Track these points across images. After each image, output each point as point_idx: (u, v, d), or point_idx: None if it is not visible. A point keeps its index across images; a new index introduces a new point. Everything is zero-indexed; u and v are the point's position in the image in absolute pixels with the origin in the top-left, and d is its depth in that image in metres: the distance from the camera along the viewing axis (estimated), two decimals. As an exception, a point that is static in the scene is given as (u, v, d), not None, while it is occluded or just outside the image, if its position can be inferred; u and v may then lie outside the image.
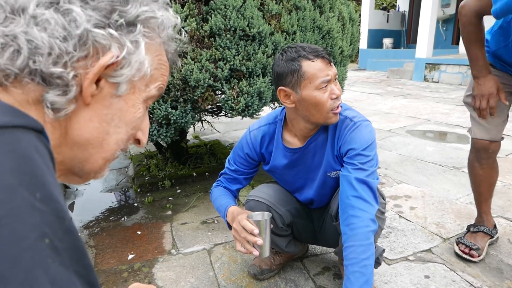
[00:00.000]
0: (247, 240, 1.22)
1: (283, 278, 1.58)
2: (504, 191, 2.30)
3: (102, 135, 0.47)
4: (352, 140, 1.24)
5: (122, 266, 1.70)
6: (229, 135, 3.93)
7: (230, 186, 1.48)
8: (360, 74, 10.04)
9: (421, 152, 3.19)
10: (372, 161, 1.22)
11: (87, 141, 0.47)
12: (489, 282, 1.51)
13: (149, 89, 0.50)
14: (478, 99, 1.51)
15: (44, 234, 0.29)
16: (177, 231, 2.01)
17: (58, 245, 0.30)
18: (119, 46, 0.44)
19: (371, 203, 1.17)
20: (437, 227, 1.95)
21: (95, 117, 0.46)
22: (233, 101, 1.92)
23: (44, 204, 0.30)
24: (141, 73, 0.47)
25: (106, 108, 0.46)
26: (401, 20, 12.41)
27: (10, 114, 0.34)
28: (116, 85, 0.46)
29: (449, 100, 5.68)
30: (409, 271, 1.59)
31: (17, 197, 0.29)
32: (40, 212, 0.30)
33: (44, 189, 0.31)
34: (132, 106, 0.49)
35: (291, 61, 1.16)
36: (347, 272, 1.12)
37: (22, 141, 0.32)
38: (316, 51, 1.15)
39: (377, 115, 4.74)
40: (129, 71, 0.45)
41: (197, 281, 1.58)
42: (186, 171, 2.71)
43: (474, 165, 1.70)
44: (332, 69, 1.18)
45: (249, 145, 1.41)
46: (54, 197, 0.32)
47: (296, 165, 1.40)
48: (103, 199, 2.50)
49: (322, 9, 2.21)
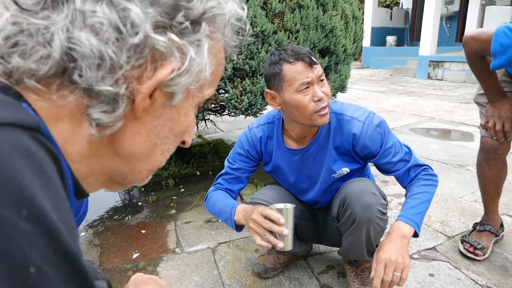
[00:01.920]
0: (272, 230, 1.14)
1: (287, 277, 1.59)
2: (509, 189, 2.29)
3: (149, 148, 0.42)
4: (369, 142, 1.26)
5: (127, 265, 1.71)
6: (232, 134, 3.93)
7: (232, 186, 1.45)
8: (363, 72, 10.01)
9: (425, 150, 3.17)
10: (396, 144, 1.30)
11: (132, 155, 0.41)
12: (494, 280, 1.50)
13: (203, 94, 0.44)
14: (492, 120, 1.48)
15: (27, 262, 0.24)
16: (181, 230, 2.01)
17: (48, 272, 0.26)
18: (181, 55, 0.37)
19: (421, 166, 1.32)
20: (441, 225, 1.94)
21: (144, 130, 0.40)
22: (236, 100, 1.92)
23: (32, 223, 0.25)
24: (200, 79, 0.40)
25: (156, 120, 0.40)
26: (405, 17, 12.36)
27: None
28: (171, 95, 0.39)
29: (453, 97, 5.65)
30: (414, 269, 1.59)
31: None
32: (26, 234, 0.24)
33: (32, 205, 0.25)
34: (184, 115, 0.43)
35: (273, 64, 1.17)
36: (407, 196, 1.28)
37: (4, 144, 0.26)
38: (297, 53, 1.14)
39: (381, 113, 4.72)
40: (187, 78, 0.38)
41: (201, 279, 1.59)
42: (190, 170, 2.72)
43: (483, 166, 1.68)
44: (314, 71, 1.15)
45: (250, 143, 1.40)
46: (45, 214, 0.26)
47: (298, 167, 1.39)
48: (107, 198, 2.51)
49: (325, 7, 2.20)
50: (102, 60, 0.32)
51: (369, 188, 1.25)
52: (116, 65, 0.33)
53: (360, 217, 1.23)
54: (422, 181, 1.27)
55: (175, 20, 0.35)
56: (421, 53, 8.13)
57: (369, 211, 1.22)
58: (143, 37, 0.33)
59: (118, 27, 0.32)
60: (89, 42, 0.31)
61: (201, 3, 0.37)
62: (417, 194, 1.25)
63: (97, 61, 0.32)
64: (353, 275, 1.47)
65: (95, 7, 0.31)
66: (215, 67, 0.43)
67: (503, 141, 1.51)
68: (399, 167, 1.29)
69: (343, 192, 1.29)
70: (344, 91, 2.70)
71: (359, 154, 1.31)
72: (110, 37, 0.32)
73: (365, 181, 1.29)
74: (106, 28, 0.32)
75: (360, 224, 1.23)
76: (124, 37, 0.33)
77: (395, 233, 1.18)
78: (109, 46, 0.32)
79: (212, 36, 0.40)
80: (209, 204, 1.43)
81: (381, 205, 1.24)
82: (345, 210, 1.27)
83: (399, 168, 1.29)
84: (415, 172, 1.30)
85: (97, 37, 0.32)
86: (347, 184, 1.31)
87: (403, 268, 1.12)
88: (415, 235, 1.20)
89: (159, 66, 0.36)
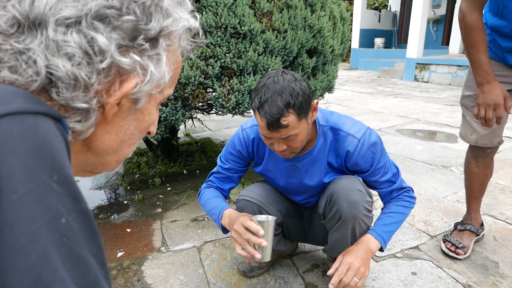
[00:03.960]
0: (251, 241, 1.16)
1: (272, 275, 1.59)
2: (490, 190, 2.34)
3: (117, 144, 0.48)
4: (361, 161, 1.28)
5: (111, 263, 1.69)
6: (220, 133, 3.93)
7: (222, 185, 1.46)
8: (352, 73, 10.09)
9: (410, 151, 3.22)
10: (386, 164, 1.31)
11: (103, 150, 0.47)
12: (474, 278, 1.54)
13: (164, 94, 0.50)
14: (483, 108, 1.39)
15: (60, 214, 0.31)
16: (167, 228, 2.00)
17: (73, 225, 0.32)
18: (143, 71, 0.43)
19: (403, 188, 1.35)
20: (424, 225, 1.98)
21: (113, 130, 0.46)
22: (224, 99, 1.92)
23: (61, 187, 0.32)
24: (160, 85, 0.46)
25: (123, 121, 0.47)
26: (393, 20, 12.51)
27: (32, 101, 0.35)
28: (136, 100, 0.45)
29: (438, 100, 5.74)
30: (397, 267, 1.61)
31: (36, 178, 0.30)
32: (57, 194, 0.31)
33: (62, 172, 0.32)
34: (148, 115, 0.49)
35: (252, 100, 1.14)
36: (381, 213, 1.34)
37: (42, 126, 0.33)
38: (266, 113, 1.07)
39: (368, 114, 4.77)
40: (149, 86, 0.45)
41: (186, 278, 1.58)
42: (177, 169, 2.70)
43: (470, 162, 1.71)
44: (276, 134, 1.11)
45: (242, 143, 1.40)
46: (71, 180, 0.33)
47: (289, 174, 1.39)
48: (92, 196, 2.48)
49: (313, 8, 2.22)
50: (77, 81, 0.38)
51: (356, 186, 1.26)
52: (88, 84, 0.39)
53: (346, 214, 1.24)
54: (401, 201, 1.33)
55: (136, 42, 0.41)
56: (408, 55, 8.24)
57: (355, 208, 1.24)
58: (110, 61, 0.39)
59: (88, 53, 0.38)
60: (65, 68, 0.37)
61: (158, 22, 0.42)
62: (393, 213, 1.32)
63: (72, 82, 0.38)
64: (337, 273, 1.48)
65: (67, 37, 0.37)
66: (173, 71, 0.49)
67: (493, 127, 1.45)
68: (384, 187, 1.33)
69: (330, 189, 1.30)
70: (332, 91, 2.72)
71: (349, 169, 1.34)
72: (82, 62, 0.38)
73: (352, 179, 1.30)
74: (78, 55, 0.37)
75: (346, 221, 1.25)
76: (94, 61, 0.38)
77: (363, 244, 1.26)
78: (82, 69, 0.38)
79: (169, 49, 0.46)
80: (201, 202, 1.46)
81: (367, 202, 1.26)
82: (331, 207, 1.28)
83: (384, 188, 1.33)
84: (397, 193, 1.35)
85: (71, 62, 0.37)
86: (334, 181, 1.32)
87: (362, 277, 1.20)
88: (380, 249, 1.29)
89: (124, 80, 0.42)
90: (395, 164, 1.36)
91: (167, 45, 0.45)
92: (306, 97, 1.10)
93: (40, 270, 0.28)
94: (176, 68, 0.50)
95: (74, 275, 0.31)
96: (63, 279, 0.29)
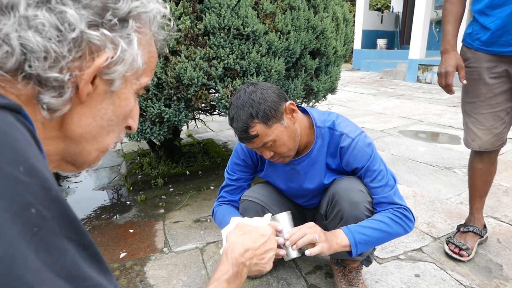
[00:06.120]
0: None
1: (275, 277, 1.59)
2: (493, 191, 2.33)
3: (95, 130, 0.49)
4: (353, 159, 1.26)
5: (114, 264, 1.70)
6: (222, 134, 3.93)
7: (235, 197, 1.47)
8: (354, 74, 10.08)
9: (413, 152, 3.21)
10: (383, 171, 1.26)
11: (81, 136, 0.48)
12: (478, 281, 1.53)
13: (140, 81, 0.52)
14: (441, 77, 1.56)
15: (29, 204, 0.31)
16: (169, 229, 2.00)
17: (46, 214, 0.32)
18: (113, 46, 0.44)
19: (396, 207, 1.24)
20: (427, 227, 1.97)
21: (89, 113, 0.47)
22: (226, 100, 1.92)
23: (28, 177, 0.32)
24: (134, 67, 0.48)
25: (99, 104, 0.47)
26: (395, 21, 12.49)
27: None
28: (110, 82, 0.47)
29: (441, 101, 5.73)
30: (400, 270, 1.61)
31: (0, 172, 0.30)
32: (25, 185, 0.31)
33: (27, 163, 0.33)
34: (124, 100, 0.51)
35: (230, 110, 1.18)
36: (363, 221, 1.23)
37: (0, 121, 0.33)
38: (236, 130, 1.15)
39: (370, 116, 4.76)
40: (122, 67, 0.46)
41: (189, 279, 1.58)
42: (179, 170, 2.71)
43: (475, 158, 1.71)
44: (253, 144, 1.16)
45: (245, 152, 1.41)
46: (39, 170, 0.34)
47: (289, 179, 1.40)
48: (95, 197, 2.48)
49: (316, 9, 2.22)
50: (47, 53, 0.39)
51: (357, 186, 1.26)
52: (59, 56, 0.40)
53: (348, 214, 1.24)
54: (390, 214, 1.22)
55: (105, 18, 0.43)
56: (411, 56, 8.22)
57: (357, 209, 1.23)
58: (79, 32, 0.41)
59: (57, 27, 0.40)
60: (35, 40, 0.38)
61: (126, 3, 0.45)
62: (375, 220, 1.21)
63: (43, 54, 0.39)
64: (340, 275, 1.48)
65: (37, 12, 0.39)
66: (147, 58, 0.51)
67: (452, 93, 1.59)
68: (376, 193, 1.25)
69: (332, 190, 1.30)
70: (334, 93, 2.72)
71: (346, 170, 1.33)
72: (52, 35, 0.39)
73: (353, 179, 1.30)
74: (47, 28, 0.39)
75: (347, 221, 1.25)
76: (63, 34, 0.40)
77: (334, 236, 1.17)
78: (52, 41, 0.40)
79: (140, 31, 0.48)
80: (217, 221, 1.45)
81: (368, 203, 1.26)
82: (333, 207, 1.28)
83: (374, 194, 1.26)
84: (388, 206, 1.24)
85: (40, 35, 0.39)
86: (336, 182, 1.32)
87: (315, 249, 1.10)
88: (350, 253, 1.19)
89: (96, 56, 0.43)
90: (394, 177, 1.30)
91: (137, 27, 0.47)
92: (270, 103, 1.12)
93: (9, 263, 0.28)
94: (150, 57, 0.52)
95: (49, 263, 0.31)
96: (36, 268, 0.30)
